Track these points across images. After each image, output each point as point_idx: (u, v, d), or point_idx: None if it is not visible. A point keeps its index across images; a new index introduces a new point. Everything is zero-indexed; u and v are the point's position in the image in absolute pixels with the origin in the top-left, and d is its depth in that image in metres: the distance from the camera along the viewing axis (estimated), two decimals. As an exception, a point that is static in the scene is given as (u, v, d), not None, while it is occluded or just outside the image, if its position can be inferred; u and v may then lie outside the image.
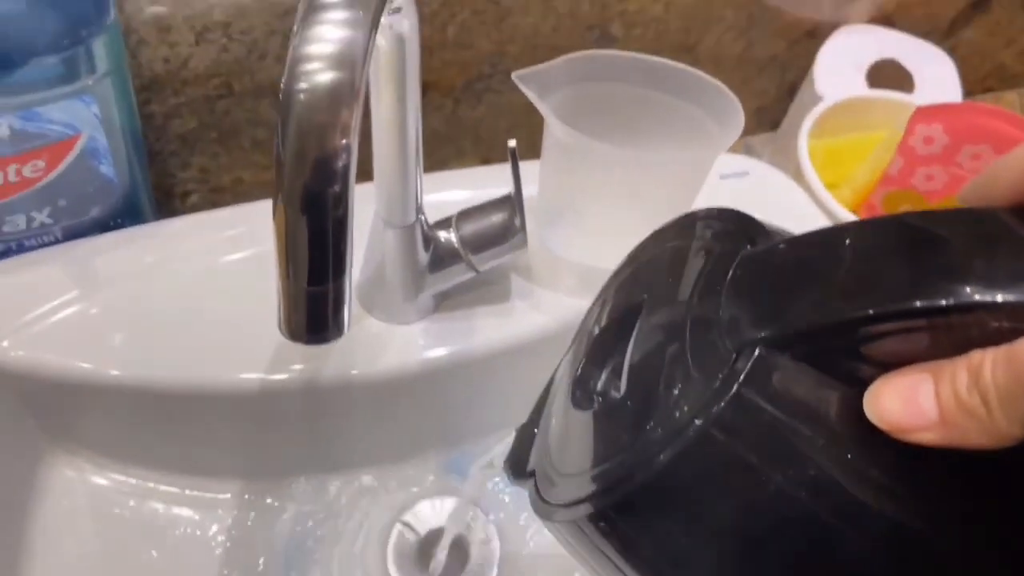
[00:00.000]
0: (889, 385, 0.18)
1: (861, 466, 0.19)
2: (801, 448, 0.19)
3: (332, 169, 0.25)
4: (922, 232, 0.20)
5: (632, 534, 0.22)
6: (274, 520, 0.46)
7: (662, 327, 0.24)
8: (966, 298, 0.17)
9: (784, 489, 0.19)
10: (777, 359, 0.19)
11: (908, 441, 0.18)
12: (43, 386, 0.41)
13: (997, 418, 0.17)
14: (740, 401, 0.19)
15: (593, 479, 0.23)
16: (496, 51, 0.55)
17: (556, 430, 0.28)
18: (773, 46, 0.63)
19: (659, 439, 0.21)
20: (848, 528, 0.19)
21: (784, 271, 0.21)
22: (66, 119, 0.40)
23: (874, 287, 0.19)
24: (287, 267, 0.25)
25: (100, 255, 0.44)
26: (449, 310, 0.45)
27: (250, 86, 0.51)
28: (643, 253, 0.28)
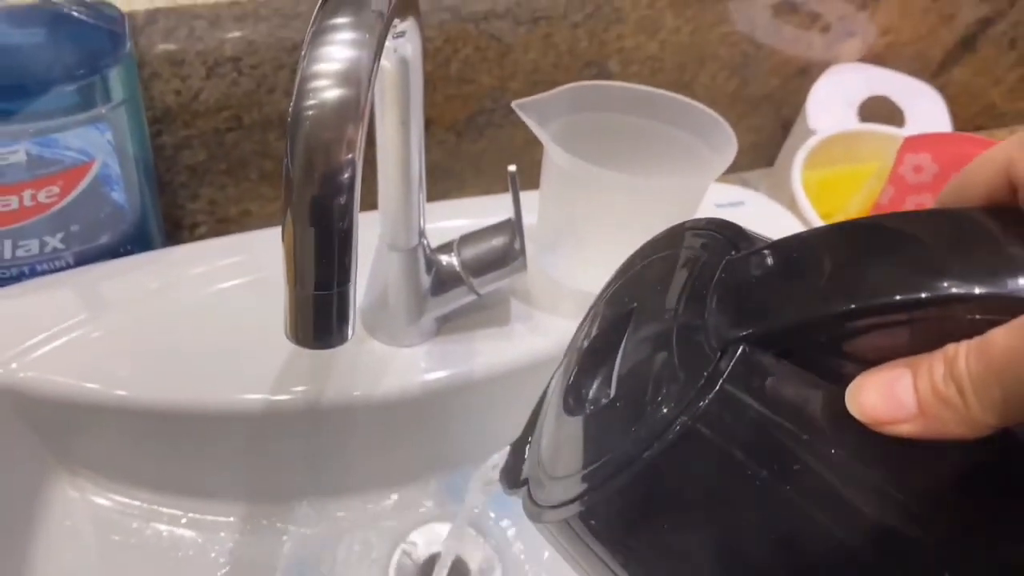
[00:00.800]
0: (869, 380, 0.19)
1: (844, 461, 0.20)
2: (785, 443, 0.20)
3: (338, 182, 0.26)
4: (899, 232, 0.20)
5: (621, 531, 0.23)
6: (276, 544, 0.47)
7: (650, 332, 0.25)
8: (943, 291, 0.18)
9: (769, 484, 0.20)
10: (760, 357, 0.20)
11: (889, 434, 0.19)
12: (50, 406, 0.42)
13: (972, 406, 0.17)
14: (724, 397, 0.20)
15: (583, 479, 0.23)
16: (498, 86, 0.56)
17: (548, 439, 0.28)
18: (767, 84, 0.65)
19: (646, 436, 0.21)
20: (832, 522, 0.20)
21: (766, 273, 0.22)
22: (81, 146, 0.41)
23: (853, 285, 0.19)
24: (295, 274, 0.26)
25: (108, 280, 0.45)
26: (450, 333, 0.46)
27: (258, 119, 0.53)
28: (633, 265, 0.29)
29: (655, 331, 0.24)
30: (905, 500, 0.20)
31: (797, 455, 0.20)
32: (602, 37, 0.57)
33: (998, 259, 0.19)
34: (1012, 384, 0.17)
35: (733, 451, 0.20)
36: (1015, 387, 0.17)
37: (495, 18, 0.53)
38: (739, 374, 0.20)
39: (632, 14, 0.56)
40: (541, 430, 0.30)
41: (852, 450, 0.20)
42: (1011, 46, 0.70)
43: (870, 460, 0.20)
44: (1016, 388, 0.17)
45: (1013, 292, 0.18)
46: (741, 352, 0.20)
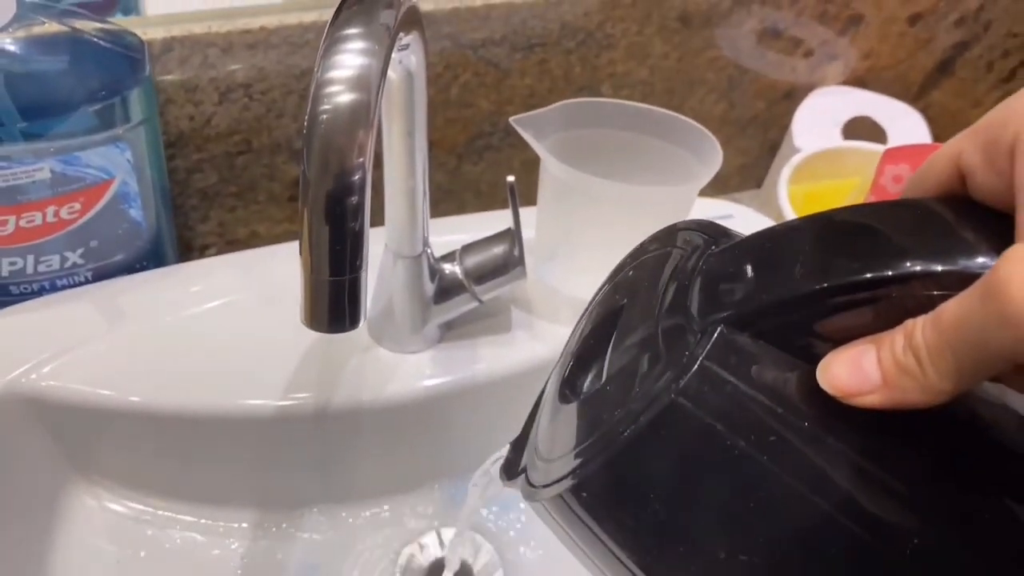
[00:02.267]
0: (838, 356, 0.21)
1: (817, 433, 0.21)
2: (762, 417, 0.22)
3: (351, 178, 0.28)
4: (863, 221, 0.22)
5: (613, 505, 0.24)
6: (286, 549, 0.48)
7: (638, 322, 0.27)
8: (902, 269, 0.20)
9: (748, 455, 0.21)
10: (737, 337, 0.22)
11: (857, 405, 0.20)
12: (69, 413, 0.43)
13: (929, 373, 0.19)
14: (704, 374, 0.22)
15: (575, 456, 0.25)
16: (496, 111, 0.59)
17: (544, 428, 0.30)
18: (753, 107, 0.68)
19: (633, 412, 0.23)
20: (808, 491, 0.21)
21: (742, 262, 0.24)
22: (102, 164, 0.44)
23: (820, 268, 0.21)
24: (311, 262, 0.28)
25: (125, 294, 0.47)
26: (454, 340, 0.48)
27: (268, 143, 0.55)
28: (626, 264, 0.31)
29: (643, 321, 0.26)
30: (873, 469, 0.21)
31: (773, 428, 0.21)
32: (594, 63, 0.60)
33: (951, 241, 0.21)
34: (962, 349, 0.18)
35: (713, 424, 0.22)
36: (964, 351, 0.18)
37: (492, 45, 0.56)
38: (718, 353, 0.22)
39: (622, 41, 0.59)
40: (538, 423, 0.31)
41: (823, 423, 0.21)
42: (988, 69, 0.73)
43: (840, 432, 0.21)
44: (965, 352, 0.18)
45: (964, 268, 0.20)
46: (719, 333, 0.22)
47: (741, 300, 0.22)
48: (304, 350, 0.46)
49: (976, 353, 0.18)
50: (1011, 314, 0.17)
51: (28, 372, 0.43)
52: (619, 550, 0.24)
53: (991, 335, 0.18)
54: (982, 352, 0.18)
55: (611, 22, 0.58)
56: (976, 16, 0.69)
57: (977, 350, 0.18)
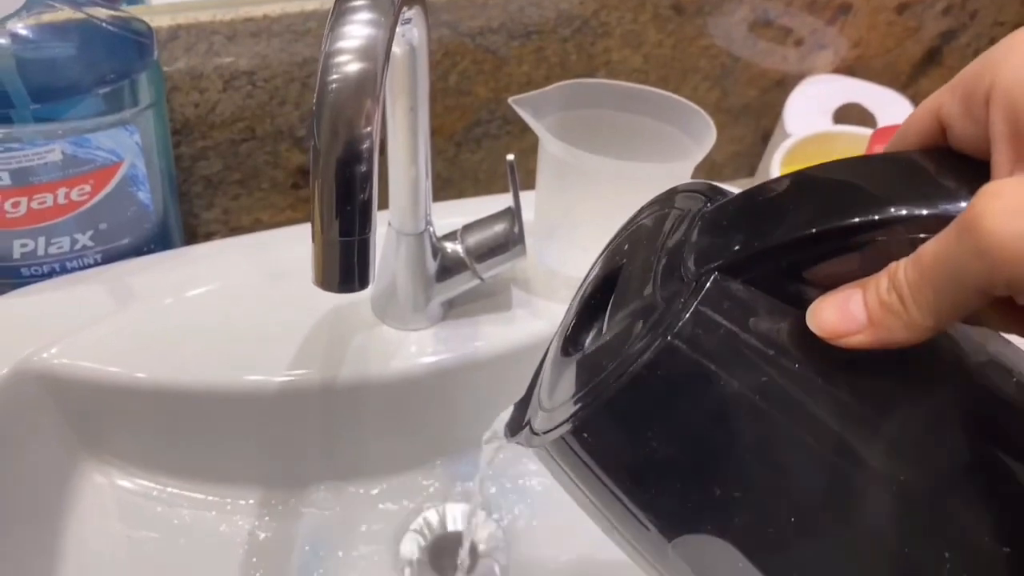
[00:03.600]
0: (826, 299, 0.22)
1: (808, 375, 0.23)
2: (755, 359, 0.23)
3: (359, 144, 0.29)
4: (847, 174, 0.24)
5: (612, 444, 0.25)
6: (292, 526, 0.49)
7: (637, 279, 0.28)
8: (888, 215, 0.21)
9: (741, 395, 0.23)
10: (730, 284, 0.23)
11: (845, 346, 0.21)
12: (80, 390, 0.44)
13: (912, 311, 0.20)
14: (699, 318, 0.23)
15: (575, 401, 0.26)
16: (493, 98, 0.60)
17: (547, 382, 0.31)
18: (746, 95, 0.69)
19: (631, 356, 0.24)
20: (799, 430, 0.23)
21: (735, 215, 0.25)
22: (111, 146, 0.45)
23: (809, 216, 0.23)
24: (321, 223, 0.29)
25: (133, 275, 0.48)
26: (456, 318, 0.49)
27: (271, 130, 0.56)
28: (628, 226, 0.32)
29: (641, 277, 0.28)
30: (861, 409, 0.22)
31: (765, 369, 0.23)
32: (590, 51, 0.61)
33: (933, 187, 0.22)
34: (941, 284, 0.20)
35: (708, 366, 0.23)
36: (943, 286, 0.20)
37: (490, 32, 0.57)
38: (712, 299, 0.23)
39: (617, 28, 0.60)
40: (541, 379, 0.32)
41: (814, 364, 0.22)
42: (975, 56, 0.75)
43: (830, 373, 0.22)
44: (944, 287, 0.20)
45: (945, 212, 0.21)
46: (713, 281, 0.23)
47: (733, 249, 0.24)
48: (309, 328, 0.47)
49: (954, 287, 0.19)
50: (984, 246, 0.18)
51: (39, 351, 0.44)
52: (619, 490, 0.25)
53: (967, 268, 0.19)
54: (959, 286, 0.19)
55: (606, 10, 0.59)
56: (963, 5, 0.71)
57: (955, 284, 0.19)
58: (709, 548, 0.23)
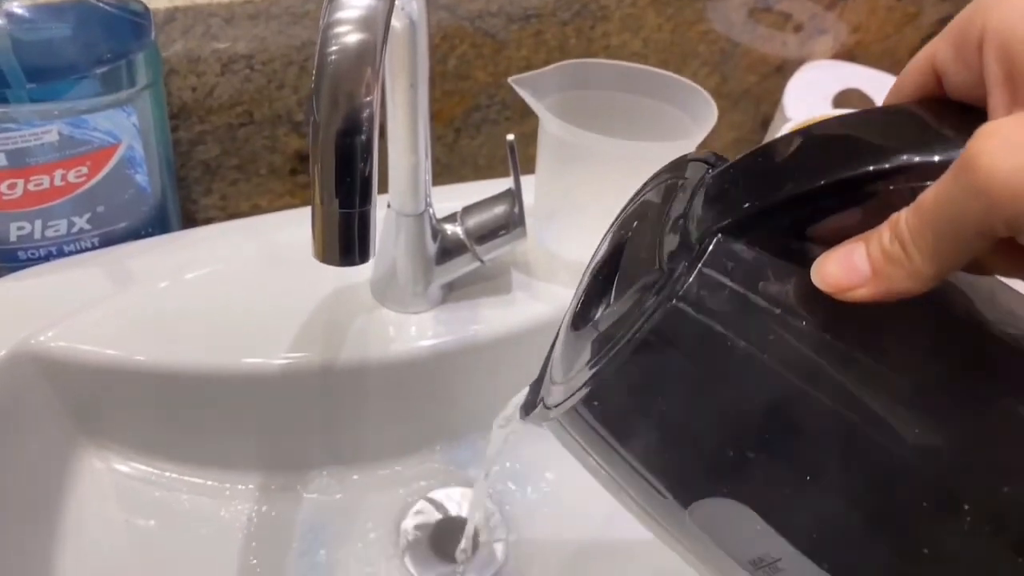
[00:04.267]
0: (830, 255, 0.22)
1: (814, 331, 0.22)
2: (761, 318, 0.23)
3: (360, 113, 0.29)
4: (850, 127, 0.23)
5: (624, 410, 0.25)
6: (292, 511, 0.48)
7: (644, 247, 0.28)
8: (887, 165, 0.21)
9: (749, 354, 0.22)
10: (733, 244, 0.23)
11: (850, 300, 0.21)
12: (77, 373, 0.44)
13: (914, 258, 0.20)
14: (703, 279, 0.23)
15: (585, 372, 0.26)
16: (492, 82, 0.60)
17: (558, 357, 0.31)
18: (745, 81, 0.69)
19: (638, 321, 0.24)
20: (809, 386, 0.22)
21: (737, 177, 0.25)
22: (108, 128, 0.44)
23: (809, 172, 0.22)
24: (321, 195, 0.29)
25: (132, 258, 0.48)
26: (456, 301, 0.49)
27: (269, 114, 0.56)
28: (636, 197, 0.32)
29: (648, 246, 0.27)
30: (870, 363, 0.22)
31: (771, 327, 0.22)
32: (589, 35, 0.60)
33: (931, 135, 0.22)
34: (941, 228, 0.19)
35: (714, 327, 0.23)
36: (944, 231, 0.19)
37: (489, 16, 0.57)
38: (715, 260, 0.23)
39: (616, 12, 0.60)
40: (552, 356, 0.32)
41: (820, 321, 0.22)
42: (974, 43, 0.75)
43: (836, 329, 0.22)
44: (945, 231, 0.19)
45: (944, 159, 0.20)
46: (716, 242, 0.23)
47: (735, 210, 0.23)
48: (309, 311, 0.47)
49: (955, 231, 0.19)
50: (982, 186, 0.18)
51: (36, 334, 0.43)
52: (633, 458, 0.25)
53: (967, 210, 0.19)
54: (960, 229, 0.19)
55: (605, -6, 0.59)
56: (962, -10, 0.71)
57: (956, 227, 0.19)
58: (726, 512, 0.23)
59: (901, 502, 0.22)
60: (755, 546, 0.23)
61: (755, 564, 0.24)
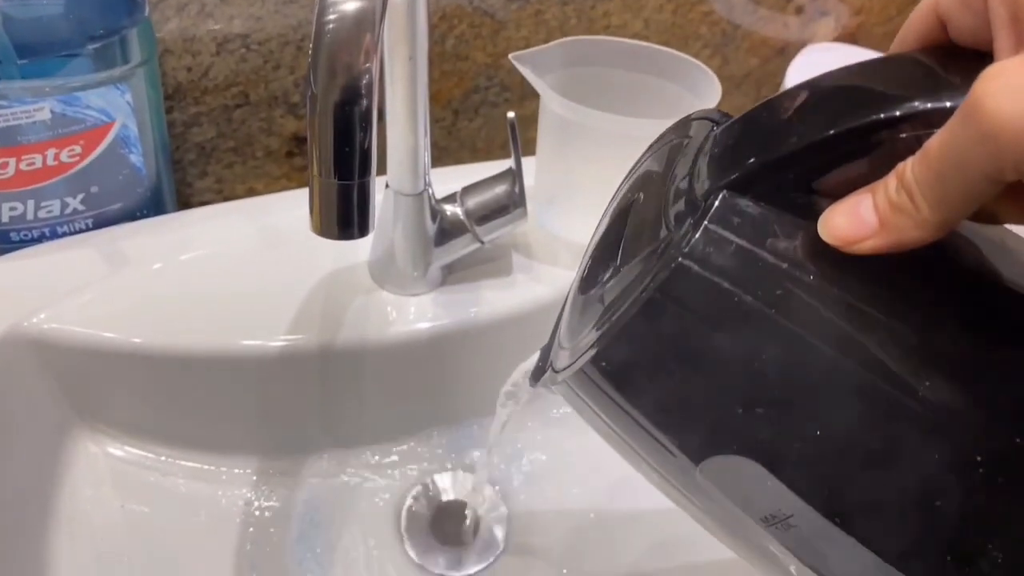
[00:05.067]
0: (837, 207, 0.21)
1: (822, 285, 0.22)
2: (768, 273, 0.22)
3: (358, 84, 0.28)
4: (854, 78, 0.23)
5: (632, 370, 0.25)
6: (289, 495, 0.48)
7: (650, 208, 0.27)
8: (892, 113, 0.21)
9: (757, 310, 0.22)
10: (739, 200, 0.23)
11: (858, 252, 0.21)
12: (72, 356, 0.43)
13: (921, 207, 0.20)
14: (709, 236, 0.22)
15: (594, 331, 0.26)
16: (491, 63, 0.59)
17: (566, 322, 0.31)
18: (747, 63, 0.68)
19: (645, 280, 0.24)
20: (818, 341, 0.22)
21: (741, 134, 0.25)
22: (102, 106, 0.44)
23: (813, 123, 0.22)
24: (319, 166, 0.28)
25: (127, 239, 0.47)
26: (455, 283, 0.48)
27: (265, 95, 0.55)
28: (642, 159, 0.32)
29: (654, 206, 0.27)
30: (879, 316, 0.22)
31: (779, 283, 0.22)
32: (590, 15, 0.60)
33: (936, 82, 0.21)
34: (948, 174, 0.19)
35: (721, 283, 0.22)
36: (951, 177, 0.19)
37: (488, -5, 0.56)
38: (721, 216, 0.23)
39: (617, -8, 0.59)
40: (561, 324, 0.32)
41: (828, 275, 0.22)
42: (977, 26, 0.74)
43: (845, 282, 0.22)
44: (952, 177, 0.19)
45: (950, 105, 0.20)
46: (722, 198, 0.23)
47: (740, 165, 0.23)
48: (306, 293, 0.46)
49: (962, 177, 0.19)
50: (987, 129, 0.17)
51: (30, 315, 0.43)
52: (643, 418, 0.25)
53: (973, 154, 0.18)
54: (967, 174, 0.18)
55: (606, -27, 0.58)
56: (965, -28, 0.70)
57: (963, 173, 0.19)
58: (736, 469, 0.23)
59: (913, 455, 0.21)
60: (767, 502, 0.23)
61: (767, 521, 0.23)
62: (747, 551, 0.28)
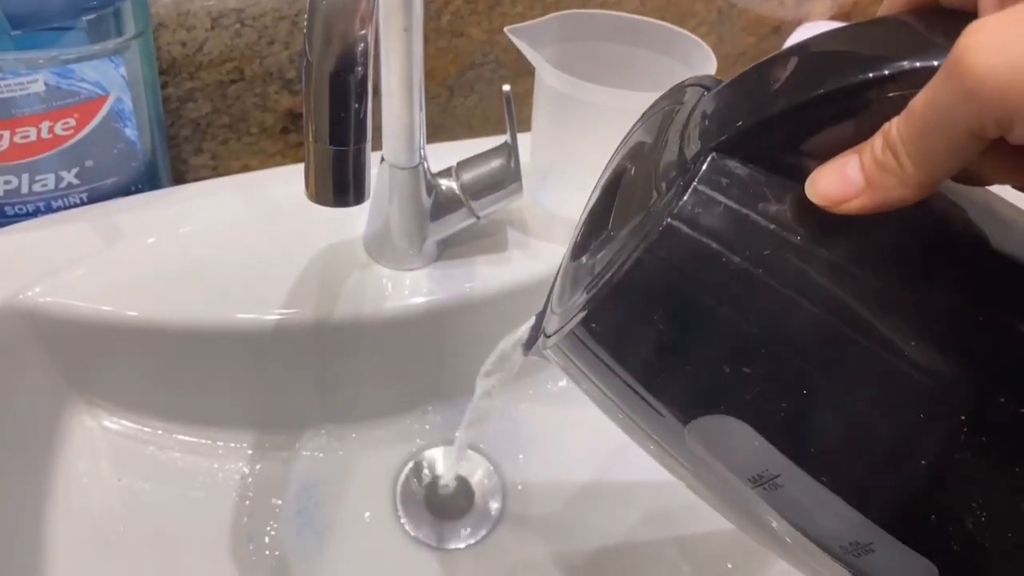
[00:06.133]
0: (824, 168, 0.22)
1: (810, 246, 0.22)
2: (756, 234, 0.22)
3: (354, 50, 0.28)
4: (842, 41, 0.23)
5: (622, 331, 0.25)
6: (285, 469, 0.48)
7: (641, 175, 0.28)
8: (879, 72, 0.21)
9: (745, 270, 0.22)
10: (728, 162, 0.23)
11: (845, 212, 0.21)
12: (68, 329, 0.43)
13: (906, 165, 0.20)
14: (698, 197, 0.23)
15: (583, 293, 0.26)
16: (487, 39, 0.59)
17: (558, 288, 0.31)
18: (742, 42, 0.68)
19: (634, 242, 0.24)
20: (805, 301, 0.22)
21: (731, 95, 0.25)
22: (96, 79, 0.43)
23: (800, 85, 0.22)
24: (315, 131, 0.28)
25: (122, 213, 0.47)
26: (451, 258, 0.48)
27: (260, 71, 0.55)
28: (634, 128, 0.32)
29: (645, 169, 0.27)
30: (866, 276, 0.22)
31: (767, 243, 0.22)
32: (585, -8, 0.60)
33: (923, 43, 0.21)
34: (933, 132, 0.19)
35: (709, 244, 0.23)
36: (935, 134, 0.19)
37: (484, -30, 0.56)
38: (709, 178, 0.23)
39: (613, -31, 0.59)
40: (553, 291, 0.32)
41: (815, 235, 0.22)
42: (972, 6, 0.74)
43: (832, 243, 0.22)
44: (936, 134, 0.19)
45: (937, 64, 0.20)
46: (711, 160, 0.23)
47: (729, 126, 0.23)
48: (302, 267, 0.46)
49: (946, 134, 0.19)
50: (969, 84, 0.18)
51: (25, 288, 0.43)
52: (632, 379, 0.25)
53: (956, 110, 0.18)
54: (951, 131, 0.19)
55: (602, -51, 0.58)
56: (961, -49, 0.70)
57: (946, 130, 0.19)
58: (724, 429, 0.23)
59: (898, 414, 0.22)
60: (754, 462, 0.23)
61: (754, 481, 0.24)
62: (738, 516, 0.29)
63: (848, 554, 0.24)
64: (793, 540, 0.26)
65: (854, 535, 0.23)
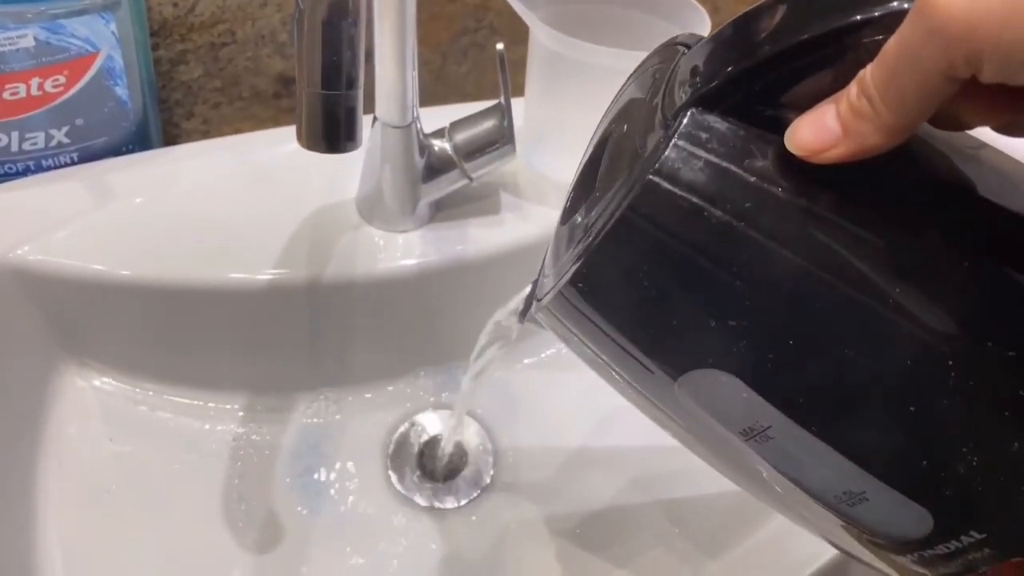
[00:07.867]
0: (802, 119, 0.22)
1: (791, 198, 0.22)
2: (737, 187, 0.22)
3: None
4: None
5: (609, 290, 0.25)
6: (277, 432, 0.48)
7: (627, 133, 0.28)
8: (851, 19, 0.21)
9: (727, 223, 0.22)
10: (707, 117, 0.23)
11: (823, 162, 0.21)
12: (59, 288, 0.43)
13: (881, 111, 0.20)
14: (678, 153, 0.23)
15: (570, 257, 0.26)
16: (481, 4, 0.59)
17: (549, 254, 0.31)
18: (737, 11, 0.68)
19: (616, 201, 0.24)
20: (788, 252, 0.22)
21: (709, 51, 0.25)
22: (87, 35, 0.43)
23: (776, 36, 0.22)
24: (306, 75, 0.28)
25: (113, 173, 0.47)
26: (443, 220, 0.48)
27: (252, 33, 0.54)
28: (621, 91, 0.32)
29: (629, 130, 0.27)
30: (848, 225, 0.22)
31: (748, 196, 0.22)
32: (580, -42, 0.59)
33: None
34: (905, 75, 0.19)
35: (690, 199, 0.23)
36: (908, 77, 0.19)
37: (478, -66, 0.55)
38: (689, 133, 0.23)
39: (608, -66, 0.59)
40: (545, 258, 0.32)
41: (796, 186, 0.22)
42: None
43: (812, 193, 0.22)
44: (908, 78, 0.19)
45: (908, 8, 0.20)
46: (690, 115, 0.23)
47: (707, 80, 0.23)
48: (294, 228, 0.46)
49: (918, 76, 0.19)
50: (936, 24, 0.18)
51: (15, 247, 0.43)
52: (622, 337, 0.25)
53: (926, 52, 0.18)
54: (922, 73, 0.19)
55: (597, -86, 0.57)
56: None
57: (918, 72, 0.19)
58: (713, 383, 0.23)
59: (886, 361, 0.22)
60: (744, 415, 0.23)
61: (745, 434, 0.24)
62: (731, 470, 0.29)
63: (842, 503, 0.24)
64: (786, 491, 0.26)
65: (847, 484, 0.24)
